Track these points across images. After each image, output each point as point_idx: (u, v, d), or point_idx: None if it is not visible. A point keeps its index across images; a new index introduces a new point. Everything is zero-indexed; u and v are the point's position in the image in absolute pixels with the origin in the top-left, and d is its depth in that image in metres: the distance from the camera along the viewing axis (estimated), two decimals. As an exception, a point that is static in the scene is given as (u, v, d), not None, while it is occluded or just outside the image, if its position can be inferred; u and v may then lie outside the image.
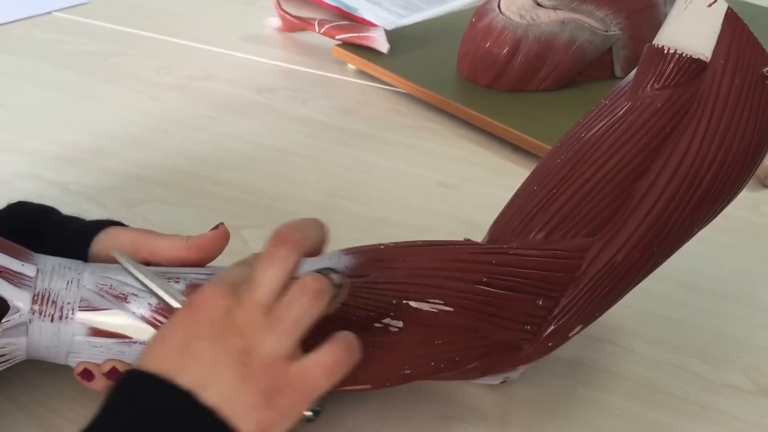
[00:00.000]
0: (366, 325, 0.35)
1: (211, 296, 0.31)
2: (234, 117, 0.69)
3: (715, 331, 0.47)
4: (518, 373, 0.39)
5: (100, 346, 0.35)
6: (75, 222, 0.41)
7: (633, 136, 0.36)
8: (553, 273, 0.36)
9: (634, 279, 0.37)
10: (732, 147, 0.35)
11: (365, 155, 0.64)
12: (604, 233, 0.36)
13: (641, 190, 0.36)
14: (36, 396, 0.40)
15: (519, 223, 0.38)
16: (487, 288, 0.36)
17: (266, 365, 0.30)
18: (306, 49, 0.82)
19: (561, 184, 0.37)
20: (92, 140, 0.64)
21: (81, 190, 0.58)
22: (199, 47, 0.81)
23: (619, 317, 0.47)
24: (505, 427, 0.40)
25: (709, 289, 0.50)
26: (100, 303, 0.35)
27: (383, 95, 0.73)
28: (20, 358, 0.36)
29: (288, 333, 0.30)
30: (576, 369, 0.44)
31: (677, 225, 0.36)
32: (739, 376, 0.44)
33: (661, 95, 0.36)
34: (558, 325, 0.37)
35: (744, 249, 0.54)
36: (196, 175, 0.60)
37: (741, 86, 0.35)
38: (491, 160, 0.64)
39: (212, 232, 0.40)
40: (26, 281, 0.35)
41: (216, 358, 0.30)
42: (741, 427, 0.41)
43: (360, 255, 0.38)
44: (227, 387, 0.29)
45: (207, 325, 0.30)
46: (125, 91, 0.72)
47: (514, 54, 0.68)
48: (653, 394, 0.42)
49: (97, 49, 0.80)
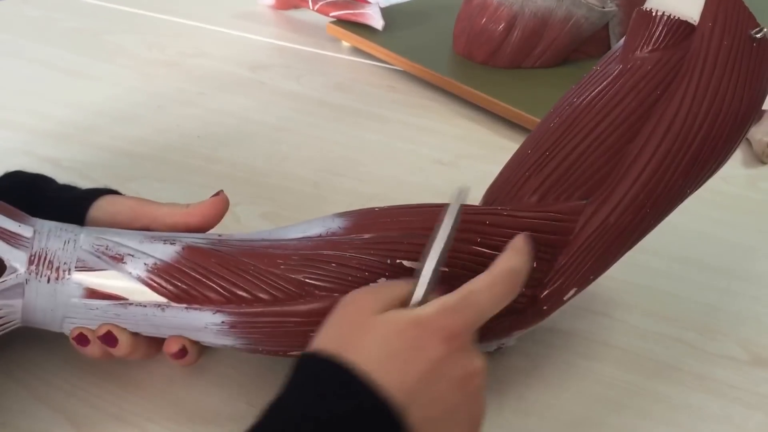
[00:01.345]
0: (360, 286, 0.34)
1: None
2: (227, 94, 0.68)
3: (712, 304, 0.47)
4: (513, 339, 0.39)
5: (95, 308, 0.35)
6: (71, 190, 0.41)
7: (623, 99, 0.37)
8: (547, 235, 0.36)
9: (627, 240, 0.37)
10: (722, 108, 0.36)
11: (360, 132, 0.63)
12: (597, 196, 0.37)
13: (633, 152, 0.36)
14: (31, 369, 0.40)
15: (512, 187, 0.38)
16: (481, 249, 0.36)
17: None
18: (299, 27, 0.81)
19: (553, 147, 0.38)
20: (84, 117, 0.63)
21: (72, 166, 0.57)
22: (191, 24, 0.80)
23: (615, 291, 0.47)
24: (500, 396, 0.40)
25: (705, 263, 0.50)
26: (96, 264, 0.35)
27: (378, 72, 0.72)
28: (16, 323, 0.36)
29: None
30: (571, 340, 0.44)
31: (669, 186, 0.36)
32: (735, 347, 0.44)
33: (651, 58, 0.37)
34: (553, 288, 0.37)
35: (741, 225, 0.54)
36: (189, 151, 0.60)
37: (729, 48, 0.36)
38: (487, 137, 0.63)
39: (212, 199, 0.40)
40: (23, 242, 0.34)
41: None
42: (736, 395, 0.41)
43: (353, 216, 0.38)
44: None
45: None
46: (117, 68, 0.72)
47: (510, 30, 0.68)
48: (648, 363, 0.42)
49: (88, 25, 0.79)
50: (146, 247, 0.36)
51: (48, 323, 0.36)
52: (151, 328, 0.36)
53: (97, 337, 0.35)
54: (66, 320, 0.36)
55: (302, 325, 0.35)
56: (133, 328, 0.36)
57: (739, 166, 0.60)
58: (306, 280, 0.35)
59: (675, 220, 0.54)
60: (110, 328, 0.35)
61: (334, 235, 0.36)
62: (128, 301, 0.35)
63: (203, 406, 0.39)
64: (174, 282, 0.35)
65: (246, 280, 0.35)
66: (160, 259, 0.35)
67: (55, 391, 0.39)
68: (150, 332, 0.36)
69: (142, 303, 0.35)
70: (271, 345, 0.36)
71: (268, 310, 0.35)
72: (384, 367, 0.28)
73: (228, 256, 0.36)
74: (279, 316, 0.35)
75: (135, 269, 0.35)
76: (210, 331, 0.35)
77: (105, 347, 0.36)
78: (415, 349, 0.29)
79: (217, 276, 0.35)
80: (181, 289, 0.35)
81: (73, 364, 0.40)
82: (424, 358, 0.29)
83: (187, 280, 0.35)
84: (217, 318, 0.35)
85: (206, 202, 0.39)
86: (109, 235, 0.36)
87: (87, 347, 0.36)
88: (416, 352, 0.29)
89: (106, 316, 0.35)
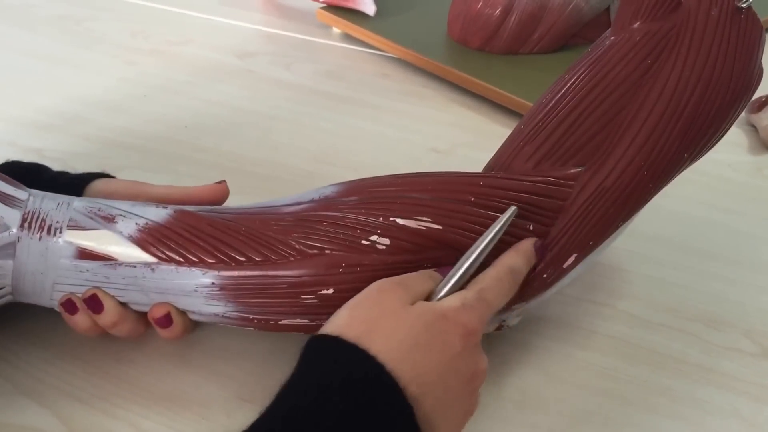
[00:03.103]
0: (353, 243, 0.35)
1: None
2: (214, 82, 0.66)
3: (717, 294, 0.46)
4: (514, 316, 0.38)
5: (86, 270, 0.35)
6: (67, 175, 0.41)
7: (614, 68, 0.37)
8: (542, 198, 0.36)
9: (626, 205, 0.37)
10: (713, 76, 0.37)
11: (352, 120, 0.62)
12: (593, 162, 0.37)
13: (626, 118, 0.37)
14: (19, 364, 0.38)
15: (507, 157, 0.39)
16: (475, 208, 0.35)
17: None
18: (288, 13, 0.79)
19: (545, 117, 0.38)
20: (67, 106, 0.61)
21: (57, 156, 0.55)
22: (176, 11, 0.78)
23: (618, 281, 0.46)
24: (501, 390, 0.39)
25: (710, 252, 0.49)
26: (88, 224, 0.35)
27: (370, 59, 0.71)
28: (7, 293, 0.35)
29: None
30: (573, 332, 0.42)
31: (664, 149, 0.37)
32: (741, 338, 0.43)
33: (641, 29, 0.38)
34: (552, 255, 0.36)
35: (746, 213, 0.53)
36: (176, 141, 0.58)
37: (717, 19, 0.37)
38: (483, 125, 0.62)
39: (213, 184, 0.40)
40: (17, 203, 0.35)
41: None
42: (743, 389, 0.40)
43: (346, 183, 0.38)
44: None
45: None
46: (100, 56, 0.70)
47: (507, 15, 0.66)
48: (653, 356, 0.41)
49: (69, 12, 0.77)
50: (138, 209, 0.36)
51: (38, 293, 0.35)
52: (139, 295, 0.35)
53: (83, 300, 0.35)
54: (56, 287, 0.35)
55: (294, 286, 0.34)
56: (122, 295, 0.35)
57: (745, 153, 0.59)
58: (299, 240, 0.35)
59: (680, 208, 0.53)
60: (96, 292, 0.35)
61: (326, 199, 0.37)
62: (118, 261, 0.35)
63: (194, 400, 0.37)
64: (164, 241, 0.35)
65: (238, 240, 0.35)
66: (152, 220, 0.35)
67: (44, 386, 0.37)
68: (138, 300, 0.35)
69: (131, 263, 0.35)
70: (262, 312, 0.35)
71: (259, 272, 0.34)
72: (407, 358, 0.29)
73: (220, 219, 0.36)
74: (270, 278, 0.34)
75: (126, 228, 0.35)
76: (200, 295, 0.35)
77: (91, 315, 0.35)
78: (440, 342, 0.30)
79: (208, 236, 0.35)
80: (172, 249, 0.35)
81: (63, 359, 0.39)
82: (446, 352, 0.30)
83: (178, 240, 0.35)
84: (207, 279, 0.35)
85: (206, 186, 0.40)
86: (102, 200, 0.37)
87: (75, 316, 0.35)
88: (440, 346, 0.30)
89: (95, 279, 0.35)
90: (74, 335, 0.37)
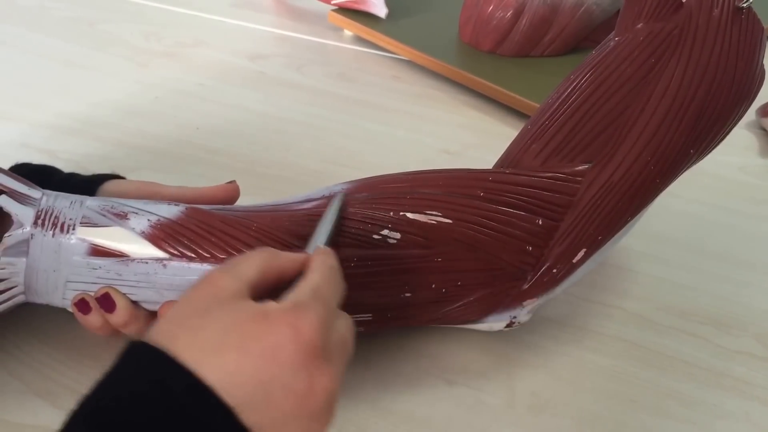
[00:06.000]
0: (365, 237, 0.35)
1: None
2: (226, 84, 0.66)
3: (727, 297, 0.45)
4: (525, 312, 0.38)
5: (98, 267, 0.35)
6: (78, 176, 0.41)
7: (619, 66, 0.38)
8: (551, 193, 0.37)
9: (634, 199, 0.37)
10: (716, 75, 0.37)
11: (363, 122, 0.62)
12: (600, 159, 0.37)
13: (633, 116, 0.37)
14: (26, 360, 0.38)
15: (515, 154, 0.39)
16: (485, 203, 0.36)
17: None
18: (300, 15, 0.79)
19: (553, 114, 0.38)
20: (81, 108, 0.62)
21: (70, 158, 0.56)
22: (189, 13, 0.79)
23: (627, 283, 0.46)
24: (510, 392, 0.39)
25: (721, 255, 0.49)
26: (101, 221, 0.35)
27: (382, 62, 0.71)
28: (19, 293, 0.35)
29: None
30: (583, 335, 0.42)
31: (671, 145, 0.37)
32: (752, 342, 0.42)
33: (644, 29, 0.38)
34: (561, 249, 0.37)
35: (757, 215, 0.53)
36: (188, 142, 0.58)
37: (718, 19, 0.37)
38: (494, 127, 0.62)
39: (225, 184, 0.40)
40: (31, 201, 0.35)
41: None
42: (754, 393, 0.39)
43: (357, 181, 0.39)
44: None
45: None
46: (113, 58, 0.70)
47: (519, 17, 0.66)
48: (662, 359, 0.41)
49: (83, 15, 0.78)
50: (151, 206, 0.36)
51: (50, 291, 0.36)
52: (151, 292, 0.35)
53: (96, 299, 0.35)
54: (68, 285, 0.35)
55: None
56: (134, 293, 0.35)
57: (756, 156, 0.59)
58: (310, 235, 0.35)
59: (691, 210, 0.53)
60: (109, 290, 0.35)
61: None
62: (130, 257, 0.35)
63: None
64: (176, 237, 0.35)
65: (249, 236, 0.35)
66: (164, 217, 0.35)
67: (57, 387, 0.37)
68: (150, 297, 0.36)
69: (143, 259, 0.35)
70: None
71: None
72: (214, 358, 0.25)
73: (232, 216, 0.36)
74: None
75: (138, 225, 0.35)
76: None
77: (104, 314, 0.35)
78: (258, 345, 0.25)
79: (220, 232, 0.35)
80: (183, 245, 0.35)
81: (76, 359, 0.39)
82: (267, 357, 0.25)
83: (190, 236, 0.35)
84: None
85: (217, 186, 0.40)
86: (115, 199, 0.37)
87: (88, 315, 0.35)
88: (258, 349, 0.25)
89: (107, 277, 0.35)
90: (87, 335, 0.38)
